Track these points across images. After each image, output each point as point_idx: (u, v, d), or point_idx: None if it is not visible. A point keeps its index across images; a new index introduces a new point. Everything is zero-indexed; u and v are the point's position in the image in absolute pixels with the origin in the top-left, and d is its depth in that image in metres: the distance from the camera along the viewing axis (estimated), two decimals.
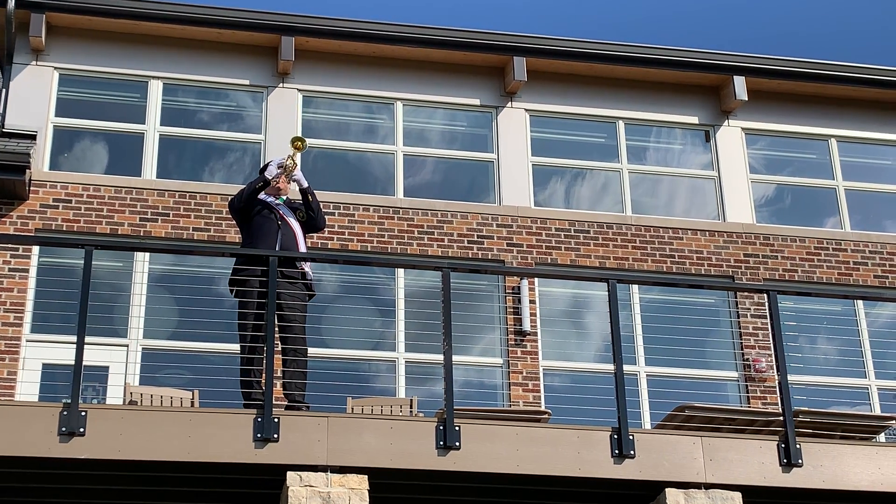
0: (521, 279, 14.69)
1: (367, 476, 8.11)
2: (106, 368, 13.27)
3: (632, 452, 8.48)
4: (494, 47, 15.63)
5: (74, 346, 8.15)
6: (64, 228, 14.08)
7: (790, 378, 9.08)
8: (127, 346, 13.66)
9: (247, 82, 15.36)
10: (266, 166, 9.84)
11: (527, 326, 14.54)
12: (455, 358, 8.76)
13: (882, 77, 16.53)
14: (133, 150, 14.86)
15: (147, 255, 14.07)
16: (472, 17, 42.28)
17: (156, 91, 15.17)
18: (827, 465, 8.74)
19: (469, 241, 14.97)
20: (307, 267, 9.55)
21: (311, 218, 9.77)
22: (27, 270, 13.75)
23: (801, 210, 16.36)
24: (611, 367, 9.00)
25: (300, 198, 9.79)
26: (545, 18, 41.70)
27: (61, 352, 11.60)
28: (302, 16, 15.18)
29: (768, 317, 9.43)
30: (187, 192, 14.56)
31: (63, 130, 14.81)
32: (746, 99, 16.09)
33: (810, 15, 41.48)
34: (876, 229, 16.35)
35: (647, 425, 13.64)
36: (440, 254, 14.77)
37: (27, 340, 13.49)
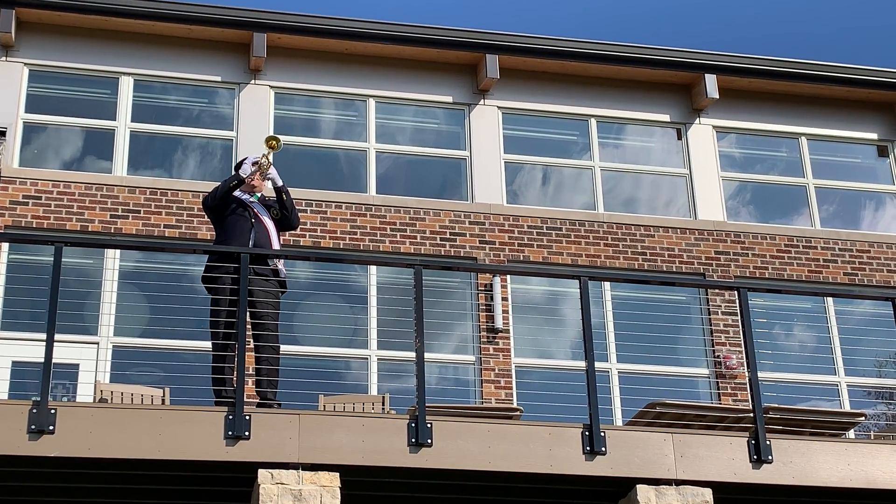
0: (493, 276, 14.71)
1: (338, 473, 8.08)
2: (76, 366, 13.20)
3: (603, 449, 8.50)
4: (467, 45, 15.63)
5: (44, 343, 8.09)
6: (34, 225, 13.99)
7: (760, 375, 9.11)
8: (97, 343, 13.59)
9: (219, 79, 15.30)
10: (241, 164, 9.80)
11: (499, 323, 14.56)
12: (427, 355, 8.75)
13: (852, 75, 16.63)
14: (104, 147, 14.78)
15: (118, 251, 14.01)
16: (446, 14, 42.29)
17: (126, 87, 15.09)
18: (797, 461, 8.78)
19: (441, 239, 14.97)
20: (280, 264, 9.51)
21: (285, 216, 9.73)
22: None
23: (771, 207, 16.44)
24: (582, 364, 9.01)
25: (274, 196, 9.76)
26: (518, 16, 41.76)
27: (31, 349, 11.52)
28: (274, 12, 15.14)
29: (739, 314, 9.47)
30: (158, 188, 14.50)
31: (33, 126, 14.71)
32: (718, 97, 16.16)
33: (787, 16, 41.70)
34: (846, 227, 16.46)
35: (619, 422, 13.68)
36: (412, 251, 14.76)
37: None
